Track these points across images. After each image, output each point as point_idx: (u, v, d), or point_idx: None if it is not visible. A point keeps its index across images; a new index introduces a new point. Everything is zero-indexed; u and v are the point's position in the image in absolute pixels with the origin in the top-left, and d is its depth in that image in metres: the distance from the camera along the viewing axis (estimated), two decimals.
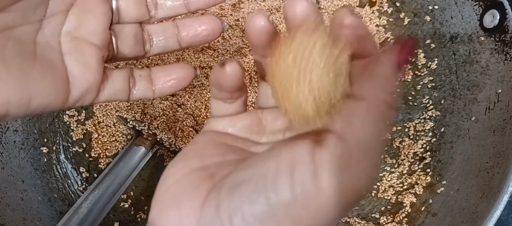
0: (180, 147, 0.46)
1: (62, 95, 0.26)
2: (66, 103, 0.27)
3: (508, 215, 0.46)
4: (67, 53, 0.27)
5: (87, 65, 0.27)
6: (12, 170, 0.44)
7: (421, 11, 0.47)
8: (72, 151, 0.48)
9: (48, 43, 0.26)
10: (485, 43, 0.41)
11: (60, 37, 0.27)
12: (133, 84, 0.30)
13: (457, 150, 0.43)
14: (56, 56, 0.26)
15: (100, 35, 0.27)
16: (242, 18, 0.48)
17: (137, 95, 0.30)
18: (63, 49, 0.27)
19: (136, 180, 0.47)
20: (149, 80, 0.30)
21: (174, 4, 0.30)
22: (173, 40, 0.30)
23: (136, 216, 0.48)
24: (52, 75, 0.25)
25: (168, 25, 0.30)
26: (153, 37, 0.30)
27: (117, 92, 0.29)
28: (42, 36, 0.26)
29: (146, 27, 0.30)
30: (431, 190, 0.43)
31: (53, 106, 0.26)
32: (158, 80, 0.30)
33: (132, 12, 0.29)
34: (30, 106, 0.24)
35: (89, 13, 0.27)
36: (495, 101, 0.39)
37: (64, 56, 0.26)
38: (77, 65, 0.27)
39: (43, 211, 0.45)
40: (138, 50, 0.30)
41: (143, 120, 0.46)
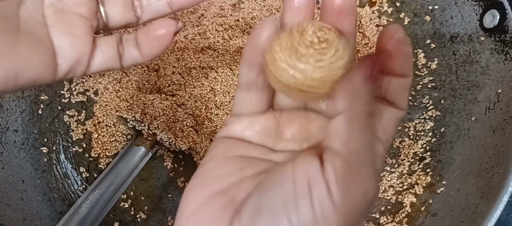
0: (180, 147, 0.46)
1: (50, 68, 0.26)
2: (55, 76, 0.26)
3: (508, 215, 0.46)
4: (52, 26, 0.26)
5: (75, 36, 0.27)
6: (12, 170, 0.44)
7: (421, 11, 0.47)
8: (72, 151, 0.48)
9: (32, 17, 0.26)
10: (485, 43, 0.41)
11: (44, 10, 0.26)
12: (123, 49, 0.29)
13: (457, 150, 0.43)
14: (41, 29, 0.26)
15: (86, 5, 0.27)
16: (242, 18, 0.48)
17: (128, 61, 0.29)
18: (48, 22, 0.26)
19: (136, 180, 0.47)
20: (135, 43, 0.29)
21: None
22: (163, 3, 0.29)
23: (136, 216, 0.48)
24: (37, 48, 0.25)
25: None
26: (143, 1, 0.29)
27: (108, 60, 0.28)
28: (25, 10, 0.25)
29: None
30: (431, 190, 0.43)
31: (42, 79, 0.26)
32: (142, 42, 0.29)
33: None
34: (18, 81, 0.24)
35: None
36: (495, 101, 0.39)
37: (49, 29, 0.26)
38: (64, 37, 0.26)
39: (43, 211, 0.45)
40: (129, 17, 0.29)
41: (143, 120, 0.46)
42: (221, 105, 0.47)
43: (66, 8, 0.27)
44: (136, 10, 0.29)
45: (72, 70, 0.27)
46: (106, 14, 0.29)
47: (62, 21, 0.26)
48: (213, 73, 0.48)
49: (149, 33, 0.28)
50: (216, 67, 0.48)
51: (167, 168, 0.49)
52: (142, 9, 0.29)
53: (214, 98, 0.47)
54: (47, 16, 0.26)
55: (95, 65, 0.28)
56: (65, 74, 0.27)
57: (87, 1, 0.27)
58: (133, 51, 0.29)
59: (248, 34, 0.48)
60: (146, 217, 0.48)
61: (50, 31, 0.26)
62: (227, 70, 0.48)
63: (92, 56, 0.28)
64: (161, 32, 0.28)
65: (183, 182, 0.49)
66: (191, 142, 0.47)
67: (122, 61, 0.29)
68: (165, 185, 0.49)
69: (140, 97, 0.47)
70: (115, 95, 0.48)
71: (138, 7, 0.29)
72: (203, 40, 0.48)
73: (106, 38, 0.29)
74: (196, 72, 0.48)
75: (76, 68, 0.27)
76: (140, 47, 0.29)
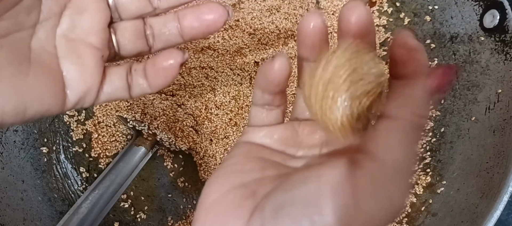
0: (180, 147, 0.46)
1: (59, 100, 0.25)
2: (64, 107, 0.26)
3: (508, 215, 0.46)
4: (63, 56, 0.26)
5: (85, 67, 0.26)
6: (12, 170, 0.44)
7: (421, 11, 0.47)
8: (72, 151, 0.48)
9: (43, 48, 0.25)
10: (485, 43, 0.41)
11: (56, 40, 0.26)
12: (131, 80, 0.28)
13: (457, 150, 0.43)
14: (51, 60, 0.25)
15: (97, 35, 0.26)
16: (242, 18, 0.48)
17: (136, 91, 0.29)
18: (59, 53, 0.26)
19: (136, 180, 0.47)
20: (143, 74, 0.28)
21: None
22: (175, 33, 0.29)
23: (136, 216, 0.48)
24: (47, 80, 0.25)
25: (169, 17, 0.29)
26: (155, 30, 0.29)
27: (117, 90, 0.28)
28: (37, 41, 0.25)
29: (148, 21, 0.29)
30: (431, 190, 0.43)
31: (51, 111, 0.25)
32: (149, 73, 0.28)
33: (132, 6, 0.28)
34: (26, 114, 0.24)
35: (85, 12, 0.26)
36: (495, 101, 0.39)
37: (60, 60, 0.26)
38: (74, 68, 0.26)
39: (43, 211, 0.45)
40: (141, 46, 0.29)
41: (143, 120, 0.46)
42: (221, 105, 0.47)
43: (78, 38, 0.26)
44: (148, 39, 0.29)
45: (80, 100, 0.27)
46: (118, 43, 0.28)
47: (73, 51, 0.26)
48: (213, 73, 0.48)
49: (156, 64, 0.28)
50: (216, 67, 0.48)
51: (167, 168, 0.49)
52: (154, 39, 0.29)
53: (214, 98, 0.47)
54: (59, 47, 0.26)
55: (104, 96, 0.28)
56: (74, 104, 0.26)
57: (99, 31, 0.26)
58: (141, 81, 0.28)
59: (249, 34, 0.48)
60: (146, 217, 0.48)
61: (61, 62, 0.26)
62: (227, 70, 0.48)
63: (101, 87, 0.27)
64: (167, 64, 0.28)
65: (183, 182, 0.49)
66: (191, 142, 0.47)
67: (130, 91, 0.29)
68: (165, 185, 0.49)
69: (140, 97, 0.47)
70: None
71: (150, 36, 0.29)
72: (203, 40, 0.48)
73: (116, 68, 0.28)
74: (196, 72, 0.48)
75: (84, 99, 0.27)
76: (148, 78, 0.28)
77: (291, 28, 0.48)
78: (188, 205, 0.48)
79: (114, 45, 0.28)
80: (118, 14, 0.28)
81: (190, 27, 0.28)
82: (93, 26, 0.26)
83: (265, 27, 0.48)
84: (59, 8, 0.26)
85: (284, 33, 0.48)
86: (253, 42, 0.48)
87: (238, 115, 0.47)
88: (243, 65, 0.48)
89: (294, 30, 0.48)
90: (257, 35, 0.48)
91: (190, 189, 0.49)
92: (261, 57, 0.48)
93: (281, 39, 0.48)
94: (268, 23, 0.48)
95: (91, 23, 0.26)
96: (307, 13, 0.22)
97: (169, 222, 0.48)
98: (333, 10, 0.49)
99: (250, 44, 0.48)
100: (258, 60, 0.48)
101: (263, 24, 0.48)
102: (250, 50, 0.48)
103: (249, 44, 0.48)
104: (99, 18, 0.27)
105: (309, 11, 0.23)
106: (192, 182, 0.49)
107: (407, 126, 0.18)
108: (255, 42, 0.48)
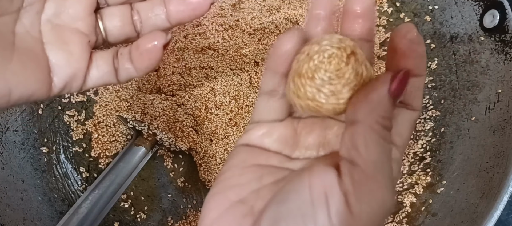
0: (180, 147, 0.46)
1: (45, 85, 0.26)
2: (50, 92, 0.26)
3: (508, 215, 0.46)
4: (49, 42, 0.26)
5: (71, 52, 0.26)
6: (12, 170, 0.44)
7: (421, 11, 0.47)
8: (72, 151, 0.48)
9: (28, 33, 0.25)
10: (485, 43, 0.41)
11: (41, 26, 0.26)
12: (118, 64, 0.28)
13: (457, 150, 0.43)
14: (36, 45, 0.26)
15: (83, 20, 0.26)
16: (242, 18, 0.48)
17: (123, 75, 0.29)
18: (45, 38, 0.26)
19: (136, 180, 0.47)
20: (129, 58, 0.28)
21: None
22: (162, 17, 0.29)
23: (136, 216, 0.48)
24: (32, 65, 0.25)
25: (156, 2, 0.29)
26: (142, 15, 0.29)
27: (104, 75, 0.28)
28: (21, 26, 0.25)
29: (135, 6, 0.29)
30: (431, 190, 0.43)
31: (36, 96, 0.25)
32: (133, 56, 0.28)
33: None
34: (11, 98, 0.24)
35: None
36: (495, 101, 0.39)
37: (45, 45, 0.26)
38: (60, 54, 0.26)
39: (43, 211, 0.45)
40: (128, 31, 0.29)
41: (143, 120, 0.46)
42: (221, 105, 0.47)
43: (64, 24, 0.26)
44: (135, 24, 0.29)
45: (67, 86, 0.27)
46: (105, 29, 0.28)
47: (58, 37, 0.26)
48: (213, 73, 0.48)
49: (139, 47, 0.28)
50: (216, 67, 0.48)
51: (167, 168, 0.49)
52: (142, 24, 0.29)
53: (214, 98, 0.47)
54: (44, 32, 0.26)
55: (91, 81, 0.28)
56: (60, 90, 0.27)
57: (85, 17, 0.27)
58: (128, 65, 0.28)
59: (249, 34, 0.48)
60: (146, 217, 0.48)
61: (46, 47, 0.26)
62: (227, 70, 0.48)
63: (87, 71, 0.27)
64: (150, 45, 0.28)
65: (183, 182, 0.49)
66: (191, 142, 0.47)
67: (118, 76, 0.29)
68: (165, 185, 0.49)
69: (140, 97, 0.47)
70: (115, 95, 0.48)
71: (137, 21, 0.29)
72: (203, 40, 0.48)
73: (102, 52, 0.28)
74: (196, 72, 0.48)
75: (71, 84, 0.27)
76: (133, 61, 0.28)
77: (291, 28, 0.48)
78: (188, 205, 0.48)
79: (101, 31, 0.28)
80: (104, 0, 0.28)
81: (176, 10, 0.28)
82: (79, 11, 0.26)
83: (265, 27, 0.48)
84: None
85: None
86: (253, 42, 0.48)
87: (238, 115, 0.47)
88: (243, 65, 0.48)
89: None
90: (257, 35, 0.48)
91: (190, 189, 0.49)
92: (261, 57, 0.48)
93: None
94: (268, 23, 0.48)
95: (76, 9, 0.26)
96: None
97: (169, 222, 0.48)
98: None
99: (250, 44, 0.48)
100: (258, 60, 0.48)
101: (263, 24, 0.48)
102: (250, 50, 0.48)
103: (249, 44, 0.48)
104: (85, 4, 0.27)
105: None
106: (192, 182, 0.49)
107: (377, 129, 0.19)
108: (255, 42, 0.48)
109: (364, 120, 0.19)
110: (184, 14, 0.29)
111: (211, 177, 0.47)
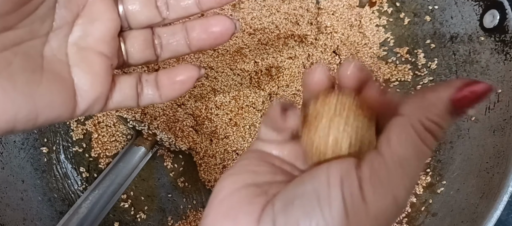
0: (180, 147, 0.46)
1: (70, 107, 0.26)
2: (74, 114, 0.26)
3: (508, 215, 0.46)
4: (74, 65, 0.26)
5: (95, 75, 0.26)
6: (12, 170, 0.44)
7: (421, 11, 0.47)
8: (72, 151, 0.48)
9: (55, 56, 0.25)
10: (485, 43, 0.41)
11: (67, 48, 0.26)
12: (141, 89, 0.29)
13: (457, 150, 0.43)
14: (63, 68, 0.26)
15: (108, 44, 0.27)
16: (242, 18, 0.48)
17: (145, 101, 0.29)
18: (70, 61, 0.26)
19: (136, 180, 0.47)
20: (155, 85, 0.29)
21: (186, 4, 0.28)
22: (183, 43, 0.29)
23: (136, 216, 0.48)
24: (59, 88, 0.25)
25: (178, 28, 0.29)
26: (163, 40, 0.29)
27: (126, 99, 0.28)
28: (49, 49, 0.25)
29: (156, 30, 0.29)
30: (431, 190, 0.43)
31: (61, 118, 0.26)
32: (163, 85, 0.29)
33: (142, 16, 0.28)
34: (37, 121, 0.24)
35: (96, 21, 0.26)
36: (495, 101, 0.39)
37: (71, 68, 0.26)
38: (84, 76, 0.26)
39: (43, 211, 0.45)
40: (149, 55, 0.29)
41: (143, 120, 0.46)
42: (221, 105, 0.47)
43: (89, 47, 0.26)
44: (156, 48, 0.29)
45: (90, 108, 0.27)
46: (127, 51, 0.28)
47: (83, 60, 0.26)
48: (213, 73, 0.48)
49: (172, 77, 0.29)
50: (216, 67, 0.48)
51: (167, 168, 0.49)
52: (162, 48, 0.29)
53: (214, 98, 0.47)
54: (70, 55, 0.26)
55: (113, 104, 0.28)
56: (83, 112, 0.27)
57: (109, 40, 0.27)
58: (152, 92, 0.29)
59: (249, 34, 0.48)
60: (146, 217, 0.48)
61: (72, 70, 0.26)
62: (227, 70, 0.48)
63: (110, 94, 0.28)
64: (184, 77, 0.29)
65: (183, 182, 0.49)
66: (191, 142, 0.47)
67: (139, 100, 0.29)
68: (165, 185, 0.49)
69: None
70: None
71: (158, 45, 0.29)
72: None
73: (125, 76, 0.29)
74: None
75: (94, 107, 0.27)
76: (161, 88, 0.29)
77: (291, 28, 0.48)
78: (188, 205, 0.48)
79: (123, 53, 0.28)
80: (127, 23, 0.28)
81: (198, 38, 0.29)
82: (104, 35, 0.27)
83: (265, 27, 0.48)
84: (72, 17, 0.26)
85: (284, 33, 0.48)
86: (253, 42, 0.48)
87: (238, 115, 0.47)
88: (243, 65, 0.48)
89: (294, 30, 0.48)
90: (257, 35, 0.48)
91: (190, 189, 0.49)
92: (261, 57, 0.48)
93: (281, 39, 0.48)
94: (268, 23, 0.48)
95: (102, 32, 0.27)
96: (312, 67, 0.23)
97: (169, 222, 0.48)
98: (333, 10, 0.49)
99: (250, 44, 0.48)
100: (258, 60, 0.48)
101: (263, 24, 0.48)
102: (250, 50, 0.48)
103: (249, 44, 0.48)
104: (110, 27, 0.27)
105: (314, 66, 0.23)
106: (192, 182, 0.49)
107: (418, 128, 0.18)
108: (255, 42, 0.48)
109: (409, 114, 0.18)
110: (205, 43, 0.29)
111: (211, 177, 0.47)
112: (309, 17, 0.48)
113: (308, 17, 0.48)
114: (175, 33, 0.29)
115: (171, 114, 0.46)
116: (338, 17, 0.49)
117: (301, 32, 0.48)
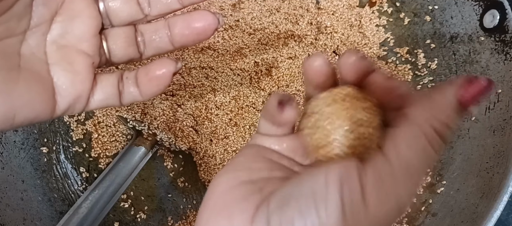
0: (180, 147, 0.46)
1: (49, 107, 0.25)
2: (53, 114, 0.26)
3: (508, 215, 0.46)
4: (54, 63, 0.26)
5: (76, 73, 0.26)
6: (12, 170, 0.44)
7: (421, 11, 0.47)
8: (72, 151, 0.48)
9: (34, 54, 0.25)
10: (485, 43, 0.41)
11: (46, 47, 0.26)
12: (123, 87, 0.28)
13: (457, 150, 0.43)
14: (42, 67, 0.25)
15: (89, 41, 0.26)
16: (242, 19, 0.48)
17: (127, 99, 0.29)
18: (50, 59, 0.26)
19: (136, 180, 0.47)
20: (135, 82, 0.28)
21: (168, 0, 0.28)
22: (166, 40, 0.29)
23: (136, 216, 0.48)
24: (37, 87, 0.25)
25: (160, 24, 0.29)
26: (146, 37, 0.29)
27: (108, 97, 0.28)
28: (27, 48, 0.25)
29: (139, 27, 0.29)
30: (431, 190, 0.43)
31: (39, 118, 0.25)
32: (141, 82, 0.28)
33: (123, 13, 0.27)
34: (15, 120, 0.24)
35: (76, 19, 0.26)
36: (495, 101, 0.39)
37: (50, 66, 0.26)
38: (64, 75, 0.26)
39: (43, 211, 0.45)
40: (132, 53, 0.29)
41: (143, 120, 0.46)
42: (221, 105, 0.47)
43: (69, 45, 0.26)
44: (139, 46, 0.29)
45: (70, 108, 0.26)
46: (109, 49, 0.28)
47: (63, 58, 0.26)
48: (213, 73, 0.48)
49: (149, 73, 0.28)
50: (216, 67, 0.48)
51: (167, 168, 0.49)
52: (145, 45, 0.29)
53: (214, 98, 0.47)
54: (49, 53, 0.26)
55: (94, 103, 0.28)
56: (63, 111, 0.26)
57: (90, 38, 0.26)
58: (132, 89, 0.28)
59: (249, 34, 0.48)
60: (146, 217, 0.48)
61: (51, 68, 0.26)
62: (227, 70, 0.48)
63: (91, 93, 0.27)
64: (160, 72, 0.28)
65: (183, 182, 0.49)
66: (191, 142, 0.47)
67: (121, 98, 0.28)
68: (165, 185, 0.49)
69: None
70: None
71: (141, 43, 0.29)
72: None
73: (107, 75, 0.28)
74: (196, 72, 0.48)
75: (74, 106, 0.27)
76: (140, 86, 0.28)
77: (291, 28, 0.48)
78: (188, 205, 0.48)
79: (105, 51, 0.28)
80: (109, 21, 0.28)
81: (181, 34, 0.28)
82: (84, 32, 0.26)
83: (265, 27, 0.48)
84: (50, 15, 0.25)
85: (284, 33, 0.48)
86: (253, 42, 0.48)
87: (238, 115, 0.47)
88: (243, 65, 0.48)
89: (294, 30, 0.48)
90: (257, 35, 0.48)
91: (190, 189, 0.49)
92: (261, 57, 0.48)
93: (281, 39, 0.48)
94: (268, 23, 0.48)
95: (82, 30, 0.26)
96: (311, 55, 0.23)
97: (169, 222, 0.48)
98: (333, 10, 0.49)
99: (250, 44, 0.48)
100: (258, 60, 0.48)
101: (263, 24, 0.48)
102: (250, 50, 0.48)
103: (249, 44, 0.48)
104: (91, 25, 0.26)
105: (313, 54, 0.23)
106: (192, 182, 0.49)
107: (428, 133, 0.18)
108: (255, 42, 0.48)
109: (417, 118, 0.18)
110: (188, 38, 0.28)
111: (211, 177, 0.47)
112: (309, 17, 0.48)
113: (308, 17, 0.48)
114: (158, 29, 0.29)
115: (171, 114, 0.46)
116: (338, 17, 0.49)
117: (301, 32, 0.48)
